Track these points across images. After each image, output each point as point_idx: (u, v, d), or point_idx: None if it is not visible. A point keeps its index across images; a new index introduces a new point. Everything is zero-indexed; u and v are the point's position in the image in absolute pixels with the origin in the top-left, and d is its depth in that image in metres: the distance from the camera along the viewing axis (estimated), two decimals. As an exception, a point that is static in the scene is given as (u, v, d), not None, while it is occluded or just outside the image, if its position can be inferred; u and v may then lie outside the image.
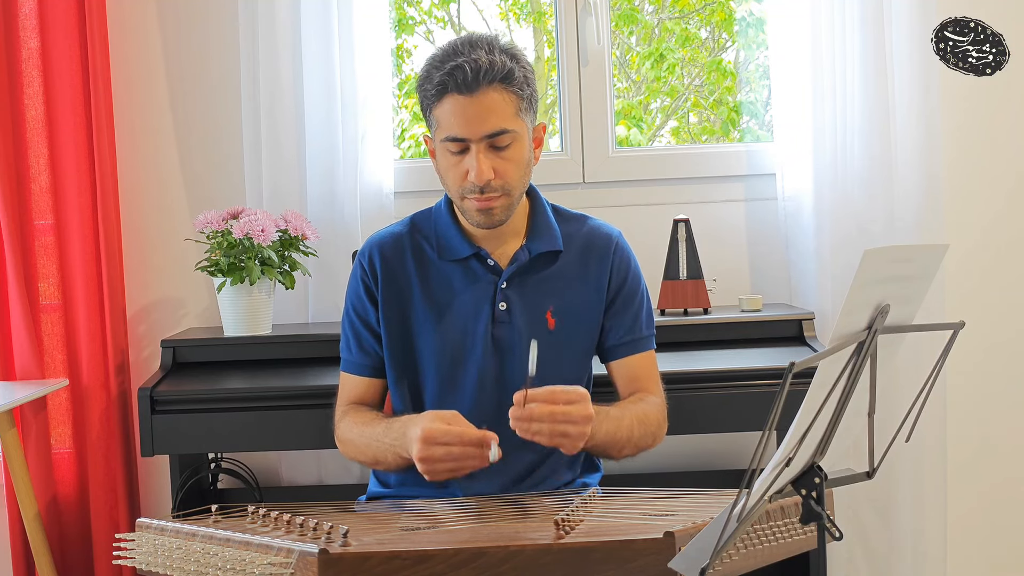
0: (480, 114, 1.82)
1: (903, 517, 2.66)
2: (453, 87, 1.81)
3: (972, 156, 2.77)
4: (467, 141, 1.83)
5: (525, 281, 1.95)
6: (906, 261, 1.34)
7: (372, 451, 1.89)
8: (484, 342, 1.92)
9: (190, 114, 2.82)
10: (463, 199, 1.88)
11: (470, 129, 1.82)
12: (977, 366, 2.77)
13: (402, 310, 1.96)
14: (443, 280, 1.95)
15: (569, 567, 1.48)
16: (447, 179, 1.89)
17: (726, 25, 3.32)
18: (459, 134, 1.83)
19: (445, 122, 1.84)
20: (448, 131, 1.84)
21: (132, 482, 2.74)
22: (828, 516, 1.34)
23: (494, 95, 1.82)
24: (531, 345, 1.71)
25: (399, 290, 1.96)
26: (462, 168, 1.85)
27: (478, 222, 1.89)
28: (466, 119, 1.82)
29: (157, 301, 2.84)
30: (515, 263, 1.94)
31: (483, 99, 1.81)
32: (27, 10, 2.63)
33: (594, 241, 2.00)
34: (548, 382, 1.75)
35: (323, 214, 2.68)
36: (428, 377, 1.95)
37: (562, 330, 1.94)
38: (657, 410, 1.97)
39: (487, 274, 1.94)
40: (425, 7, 3.30)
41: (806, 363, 1.19)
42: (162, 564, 1.59)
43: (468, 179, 1.84)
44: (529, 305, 1.94)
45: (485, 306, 1.93)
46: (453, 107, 1.82)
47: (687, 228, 2.60)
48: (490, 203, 1.86)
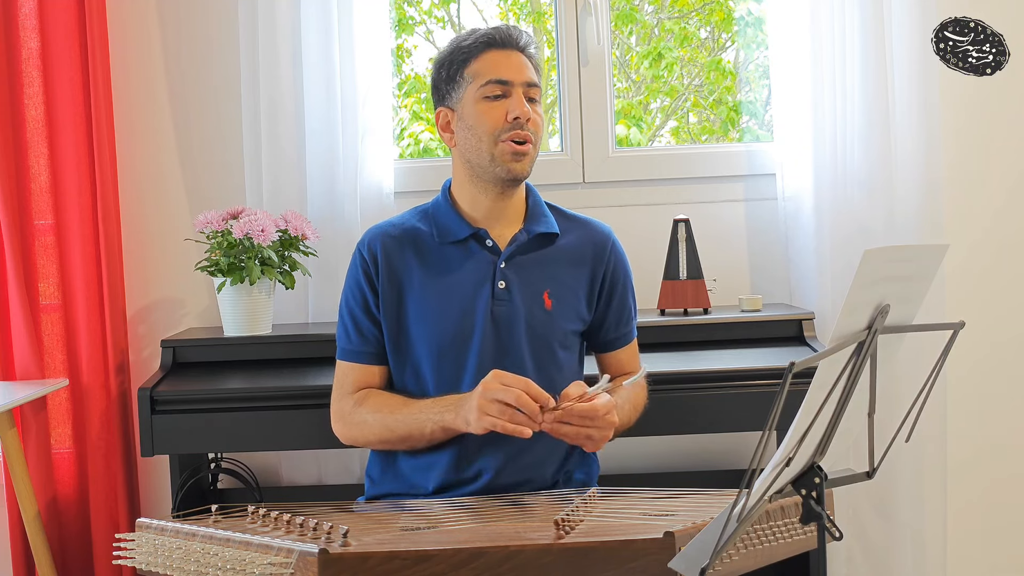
0: (521, 64, 2.00)
1: (903, 517, 2.66)
2: (498, 41, 2.00)
3: (972, 156, 2.77)
4: (510, 84, 1.98)
5: (523, 262, 2.02)
6: (906, 261, 1.34)
7: (406, 427, 1.93)
8: (484, 319, 1.98)
9: (190, 114, 2.82)
10: (498, 143, 1.97)
11: (514, 73, 1.99)
12: (977, 366, 2.77)
13: (403, 296, 2.01)
14: (443, 262, 2.01)
15: (569, 567, 1.48)
16: (482, 125, 1.98)
17: (725, 25, 3.32)
18: (505, 76, 1.98)
19: (487, 69, 1.99)
20: (493, 75, 1.98)
21: (132, 482, 2.74)
22: (828, 516, 1.34)
23: (525, 59, 2.02)
24: (603, 379, 1.87)
25: (399, 278, 2.01)
26: (500, 110, 1.97)
27: (509, 168, 1.97)
28: (510, 65, 1.99)
29: (157, 301, 2.84)
30: (514, 243, 2.02)
31: (519, 56, 2.01)
32: (27, 10, 2.63)
33: (591, 235, 2.09)
34: (542, 361, 1.97)
35: (323, 214, 2.68)
36: (430, 357, 1.98)
37: (557, 311, 2.01)
38: (643, 390, 2.11)
39: (486, 254, 2.01)
40: (425, 7, 3.30)
41: (806, 363, 1.19)
42: (162, 564, 1.59)
43: (508, 118, 1.96)
44: (527, 284, 2.01)
45: (485, 285, 1.99)
46: (497, 57, 1.99)
47: (687, 228, 2.60)
48: (524, 147, 1.97)
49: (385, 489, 2.02)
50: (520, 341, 1.98)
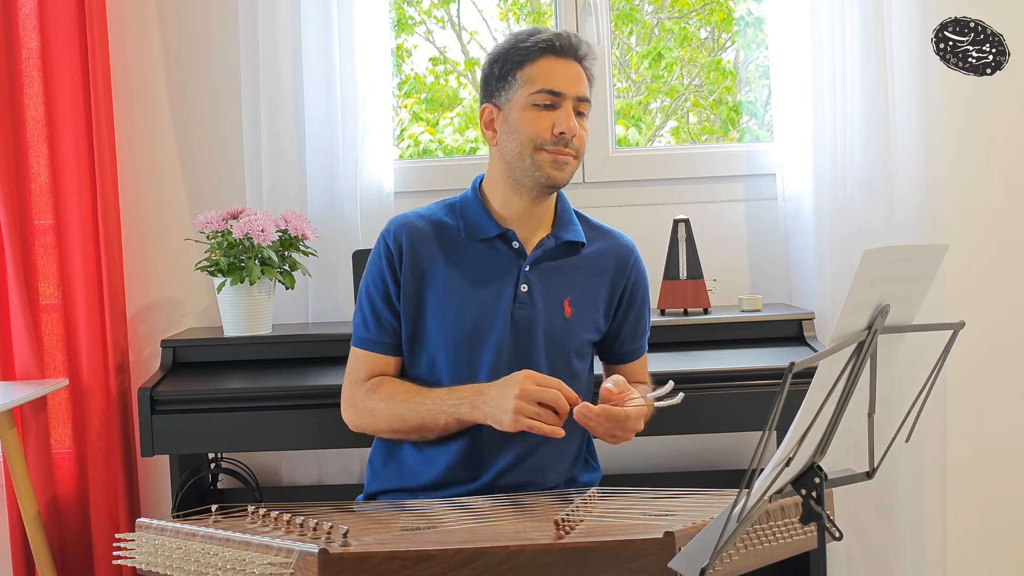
0: (576, 78, 1.96)
1: (903, 516, 2.66)
2: (558, 49, 1.95)
3: (972, 156, 2.77)
4: (562, 96, 1.94)
5: (548, 267, 2.01)
6: (906, 261, 1.34)
7: (419, 416, 1.92)
8: (504, 321, 1.97)
9: (190, 114, 2.82)
10: (538, 151, 1.94)
11: (568, 86, 1.95)
12: (977, 366, 2.77)
13: (424, 288, 1.99)
14: (468, 259, 2.00)
15: (569, 567, 1.48)
16: (526, 132, 1.95)
17: (725, 25, 3.32)
18: (558, 88, 1.94)
19: (541, 77, 1.95)
20: (546, 84, 1.94)
21: (132, 482, 2.74)
22: (828, 516, 1.34)
23: (582, 70, 1.98)
24: (669, 384, 1.86)
25: (422, 270, 1.99)
26: (547, 121, 1.94)
27: (548, 175, 1.95)
28: (566, 76, 1.95)
29: (157, 301, 2.84)
30: (541, 248, 2.01)
31: (577, 69, 1.97)
32: (27, 10, 2.63)
33: (614, 247, 2.08)
34: (557, 367, 1.96)
35: (323, 214, 2.68)
36: (446, 353, 1.98)
37: (576, 319, 2.01)
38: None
39: (512, 255, 2.00)
40: (425, 7, 3.30)
41: (806, 363, 1.19)
42: (162, 564, 1.59)
43: (555, 131, 1.93)
44: (549, 290, 2.00)
45: (508, 287, 1.98)
46: (554, 65, 1.95)
47: (687, 228, 2.60)
48: (566, 157, 1.95)
49: (386, 481, 2.02)
50: (538, 346, 1.97)
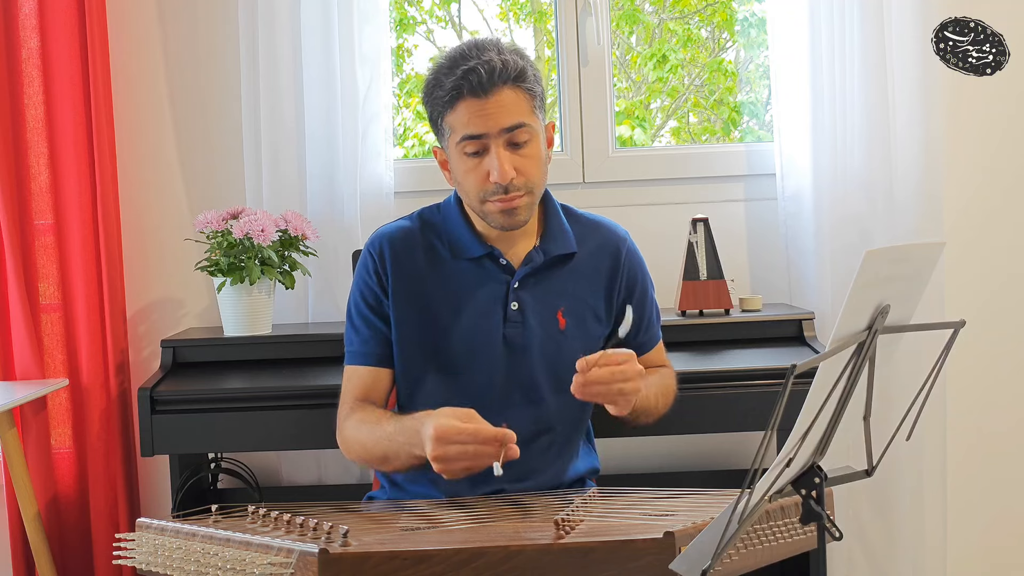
0: (497, 112, 1.81)
1: (903, 516, 2.66)
2: (468, 91, 1.80)
3: (972, 156, 2.77)
4: (485, 138, 1.82)
5: (537, 282, 1.95)
6: (906, 261, 1.34)
7: (382, 449, 1.82)
8: (496, 341, 1.92)
9: (190, 114, 2.82)
10: (484, 203, 1.86)
11: (487, 124, 1.81)
12: (977, 365, 2.77)
13: (412, 304, 1.94)
14: (455, 277, 1.94)
15: (569, 567, 1.48)
16: (466, 185, 1.86)
17: (727, 25, 3.32)
18: (476, 131, 1.81)
19: (460, 124, 1.83)
20: (466, 130, 1.82)
21: (132, 482, 2.74)
22: (828, 516, 1.34)
23: (509, 94, 1.82)
24: (628, 310, 1.77)
25: (409, 284, 1.94)
26: (482, 170, 1.83)
27: (501, 224, 1.87)
28: (484, 116, 1.80)
29: (157, 301, 2.84)
30: (528, 264, 1.94)
31: (499, 99, 1.81)
32: (27, 10, 2.63)
33: (605, 243, 2.01)
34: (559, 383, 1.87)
35: (323, 214, 2.68)
36: (436, 373, 1.93)
37: (571, 329, 1.95)
38: (673, 382, 2.06)
39: (500, 273, 1.94)
40: (426, 7, 3.30)
41: (808, 365, 1.19)
42: (162, 564, 1.59)
43: (490, 180, 1.82)
44: (541, 306, 1.94)
45: (497, 306, 1.93)
46: (470, 107, 1.81)
47: (706, 227, 2.56)
48: (513, 203, 1.84)
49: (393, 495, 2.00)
50: (536, 365, 1.91)
